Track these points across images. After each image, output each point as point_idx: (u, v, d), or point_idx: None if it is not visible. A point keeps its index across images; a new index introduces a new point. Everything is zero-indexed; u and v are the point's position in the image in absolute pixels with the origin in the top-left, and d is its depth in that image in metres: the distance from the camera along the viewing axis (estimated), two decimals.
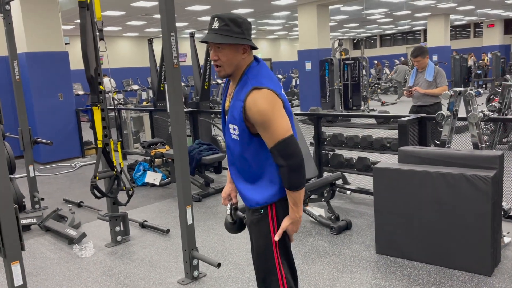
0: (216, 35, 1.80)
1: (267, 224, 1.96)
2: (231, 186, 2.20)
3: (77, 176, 6.85)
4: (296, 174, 1.81)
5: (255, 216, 1.98)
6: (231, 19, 1.80)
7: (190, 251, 3.09)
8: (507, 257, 3.20)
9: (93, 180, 3.40)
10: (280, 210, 1.96)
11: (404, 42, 28.98)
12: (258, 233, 2.00)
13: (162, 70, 7.50)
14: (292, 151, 1.79)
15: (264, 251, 2.00)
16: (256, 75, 1.85)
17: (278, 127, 1.78)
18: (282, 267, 2.00)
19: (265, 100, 1.77)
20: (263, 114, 1.76)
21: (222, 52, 1.83)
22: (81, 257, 3.70)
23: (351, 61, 12.71)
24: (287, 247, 2.04)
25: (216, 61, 1.85)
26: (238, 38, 1.81)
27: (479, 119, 3.38)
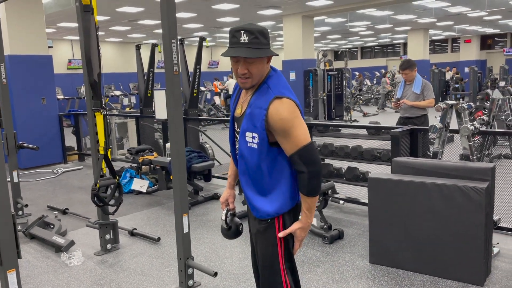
0: (248, 49, 1.79)
1: (274, 234, 1.96)
2: (230, 192, 2.21)
3: (60, 183, 6.69)
4: (316, 180, 1.84)
5: (262, 225, 1.98)
6: (259, 31, 1.81)
7: (185, 259, 3.05)
8: (497, 267, 3.27)
9: (94, 187, 3.33)
10: (287, 220, 1.97)
11: (384, 55, 29.58)
12: (265, 242, 1.99)
13: (150, 76, 7.43)
14: (314, 157, 1.84)
15: (270, 261, 1.99)
16: (277, 85, 1.87)
17: (299, 134, 1.81)
18: (287, 277, 2.00)
19: (287, 109, 1.81)
20: (285, 121, 1.79)
21: (252, 65, 1.83)
22: (70, 265, 3.60)
23: (334, 72, 12.89)
24: (291, 257, 2.04)
25: (245, 74, 1.84)
26: (267, 49, 1.84)
27: (471, 131, 3.46)
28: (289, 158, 1.87)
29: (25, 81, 7.52)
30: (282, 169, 1.92)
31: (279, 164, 1.91)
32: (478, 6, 13.54)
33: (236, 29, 1.81)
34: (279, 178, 1.92)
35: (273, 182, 1.92)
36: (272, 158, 1.89)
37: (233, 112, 2.05)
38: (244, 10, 12.54)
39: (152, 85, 7.49)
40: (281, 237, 1.96)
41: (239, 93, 2.05)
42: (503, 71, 15.24)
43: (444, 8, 14.03)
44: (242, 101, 1.98)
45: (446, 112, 3.63)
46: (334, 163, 5.18)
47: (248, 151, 1.91)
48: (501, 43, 25.71)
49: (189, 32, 16.70)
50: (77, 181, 6.68)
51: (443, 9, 14.09)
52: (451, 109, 3.63)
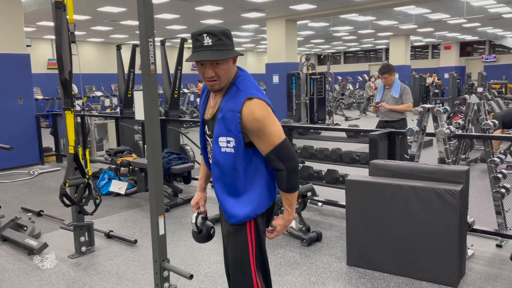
0: (213, 51, 1.76)
1: (245, 235, 1.94)
2: (201, 195, 2.20)
3: (36, 184, 6.55)
4: (294, 176, 1.85)
5: (233, 227, 1.96)
6: (222, 32, 1.78)
7: (161, 262, 3.00)
8: (471, 269, 3.32)
9: (63, 187, 3.25)
10: (260, 223, 1.96)
11: (367, 60, 29.93)
12: (235, 244, 1.97)
13: (130, 76, 7.35)
14: (290, 153, 1.84)
15: (241, 263, 1.97)
16: (246, 86, 1.86)
17: (274, 132, 1.81)
18: (258, 279, 1.98)
19: (260, 109, 1.81)
20: (259, 121, 1.79)
21: (219, 67, 1.80)
22: (42, 268, 3.51)
23: (317, 76, 12.97)
24: (264, 258, 2.02)
25: (213, 77, 1.81)
26: (232, 50, 1.82)
27: (447, 135, 3.51)
28: (265, 157, 1.86)
29: (1, 80, 7.35)
30: (257, 169, 1.91)
31: (254, 164, 1.90)
32: (457, 13, 13.82)
33: (199, 32, 1.78)
34: (253, 179, 1.91)
35: (248, 183, 1.91)
36: (247, 159, 1.88)
37: (202, 115, 2.02)
38: (227, 13, 12.54)
39: (133, 85, 7.40)
40: (254, 239, 1.94)
41: (207, 96, 2.02)
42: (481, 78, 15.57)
43: (424, 15, 14.28)
44: (212, 104, 1.96)
45: (423, 115, 3.68)
46: (314, 166, 5.20)
47: (223, 156, 1.88)
48: (479, 50, 26.30)
49: (173, 34, 16.60)
50: (53, 182, 6.55)
51: (423, 15, 14.34)
52: (428, 112, 3.68)
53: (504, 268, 3.30)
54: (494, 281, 3.11)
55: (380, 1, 11.37)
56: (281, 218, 1.95)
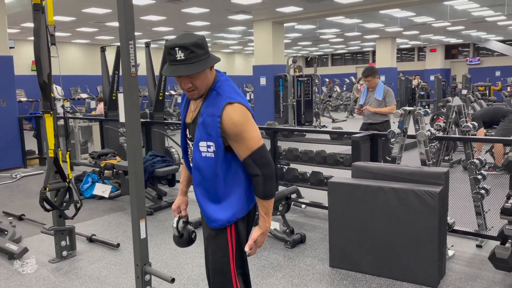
0: (187, 66, 1.74)
1: (225, 239, 1.94)
2: (182, 199, 2.17)
3: (18, 187, 6.45)
4: (270, 182, 1.85)
5: (213, 230, 1.95)
6: (194, 44, 1.74)
7: (142, 266, 2.98)
8: (451, 269, 3.36)
9: (43, 191, 3.21)
10: (241, 227, 1.96)
11: (354, 62, 30.14)
12: (216, 247, 1.97)
13: (115, 78, 7.29)
14: (267, 159, 1.85)
15: (220, 266, 1.97)
16: (226, 90, 1.86)
17: (252, 138, 1.82)
18: (238, 283, 1.98)
19: (239, 113, 1.82)
20: (238, 125, 1.79)
21: (195, 79, 1.79)
22: (23, 273, 3.46)
23: (304, 78, 13.02)
24: (244, 262, 2.03)
25: (190, 87, 1.81)
26: (206, 59, 1.79)
27: (427, 137, 3.55)
28: (242, 162, 1.87)
29: None
30: (237, 174, 1.92)
31: (234, 169, 1.90)
32: (441, 16, 14.01)
33: (171, 46, 1.75)
34: (233, 183, 1.91)
35: (228, 188, 1.91)
36: (227, 164, 1.88)
37: (184, 119, 2.03)
38: (214, 15, 12.53)
39: (117, 88, 7.34)
40: (234, 243, 1.94)
41: (188, 100, 2.03)
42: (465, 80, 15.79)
43: (409, 18, 14.44)
44: (192, 109, 1.97)
45: (404, 118, 3.72)
46: (299, 168, 5.22)
47: (203, 161, 1.88)
48: (464, 53, 26.69)
49: (159, 35, 16.52)
50: (36, 186, 6.46)
51: (408, 18, 14.50)
52: (409, 115, 3.72)
53: (483, 268, 3.34)
54: (474, 281, 3.16)
55: (366, 4, 11.47)
56: (257, 229, 1.91)
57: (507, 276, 3.19)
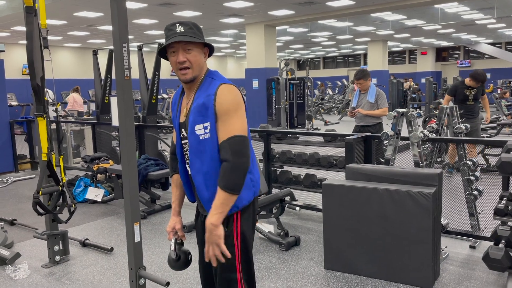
0: (185, 36, 1.82)
1: (232, 242, 1.90)
2: (176, 219, 2.09)
3: (10, 192, 6.38)
4: (236, 174, 1.76)
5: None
6: (194, 24, 1.88)
7: (137, 269, 2.96)
8: (445, 270, 3.38)
9: (36, 195, 3.17)
10: (245, 224, 1.92)
11: (346, 65, 30.31)
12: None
13: (107, 82, 7.26)
14: (242, 151, 1.78)
15: (227, 270, 1.93)
16: (219, 77, 1.91)
17: (237, 123, 1.80)
18: (243, 285, 1.95)
19: (234, 93, 1.84)
20: (230, 104, 1.80)
21: (191, 53, 1.85)
22: (15, 279, 3.41)
23: (296, 81, 13.07)
24: (250, 263, 1.99)
25: (184, 63, 1.85)
26: (203, 40, 1.89)
27: (420, 139, 3.58)
28: (219, 146, 1.81)
29: None
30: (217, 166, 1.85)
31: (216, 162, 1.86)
32: (432, 19, 14.14)
33: (171, 24, 1.87)
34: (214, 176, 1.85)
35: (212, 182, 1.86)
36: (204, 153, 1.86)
37: (177, 120, 1.98)
38: (206, 18, 12.54)
39: (110, 91, 7.31)
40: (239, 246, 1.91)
41: (180, 101, 2.01)
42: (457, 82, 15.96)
43: (400, 21, 14.57)
44: (186, 103, 1.95)
45: (398, 120, 3.74)
46: (293, 170, 5.22)
47: (202, 145, 1.84)
48: (455, 56, 26.95)
49: (151, 39, 16.49)
50: (28, 190, 6.40)
51: (399, 21, 14.63)
52: (402, 117, 3.74)
53: (477, 269, 3.37)
54: (468, 281, 3.17)
55: (357, 7, 11.55)
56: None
57: (501, 276, 3.22)
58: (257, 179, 1.96)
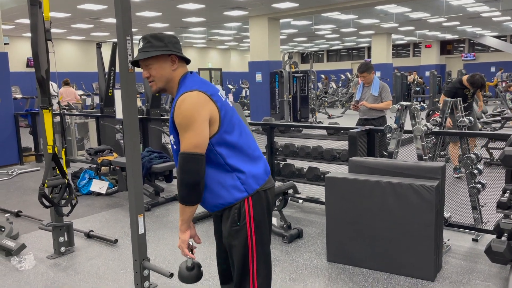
0: (141, 53, 1.90)
1: (245, 235, 1.91)
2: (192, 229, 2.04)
3: (15, 184, 6.43)
4: (183, 189, 1.82)
5: (233, 228, 1.92)
6: (153, 36, 1.90)
7: (141, 261, 2.99)
8: (448, 262, 3.39)
9: (42, 187, 3.20)
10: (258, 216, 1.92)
11: (349, 58, 30.17)
12: (238, 244, 1.93)
13: (111, 75, 7.27)
14: (189, 168, 1.78)
15: (242, 262, 1.94)
16: (187, 84, 1.88)
17: (186, 138, 1.78)
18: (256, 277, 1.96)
19: (185, 106, 1.78)
20: (181, 118, 1.78)
21: (151, 68, 1.91)
22: (20, 269, 3.46)
23: (300, 74, 13.03)
24: (267, 256, 2.00)
25: (148, 77, 1.93)
26: (161, 50, 1.88)
27: (424, 132, 3.58)
28: None
29: None
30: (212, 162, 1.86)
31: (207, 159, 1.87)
32: (437, 12, 14.04)
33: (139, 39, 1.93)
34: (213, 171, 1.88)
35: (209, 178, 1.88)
36: None
37: None
38: (210, 11, 12.50)
39: (113, 84, 7.32)
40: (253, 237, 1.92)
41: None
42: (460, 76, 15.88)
43: (405, 14, 14.47)
44: None
45: (401, 113, 3.74)
46: (296, 163, 5.23)
47: (176, 154, 1.90)
48: (459, 49, 26.77)
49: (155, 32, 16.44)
50: (32, 182, 6.44)
51: (404, 14, 14.53)
52: (405, 110, 3.74)
53: (479, 262, 3.38)
54: (470, 274, 3.19)
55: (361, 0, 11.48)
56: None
57: (503, 269, 3.23)
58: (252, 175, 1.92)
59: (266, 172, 1.99)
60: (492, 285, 3.01)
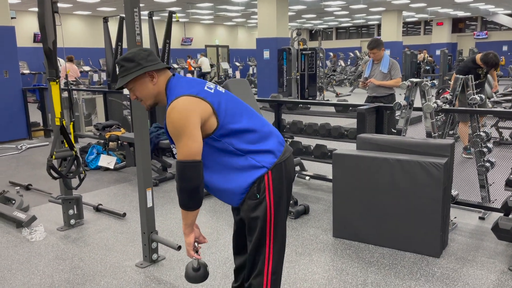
0: (119, 80, 1.92)
1: (265, 207, 1.90)
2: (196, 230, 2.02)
3: (24, 159, 6.50)
4: (186, 196, 1.82)
5: (253, 201, 1.90)
6: (123, 59, 1.90)
7: (149, 233, 3.03)
8: (454, 240, 3.40)
9: (50, 159, 3.23)
10: (276, 191, 1.91)
11: (359, 36, 29.70)
12: (256, 217, 1.92)
13: (118, 50, 7.23)
14: (186, 176, 1.79)
15: (260, 234, 1.94)
16: (172, 92, 1.86)
17: (181, 146, 1.77)
18: (272, 249, 1.97)
19: (178, 112, 1.77)
20: (173, 127, 1.78)
21: (134, 90, 1.92)
22: (31, 241, 3.53)
23: (308, 51, 12.86)
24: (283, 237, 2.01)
25: (137, 99, 1.96)
26: (135, 71, 1.87)
27: (433, 109, 3.54)
28: None
29: None
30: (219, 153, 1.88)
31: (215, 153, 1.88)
32: None
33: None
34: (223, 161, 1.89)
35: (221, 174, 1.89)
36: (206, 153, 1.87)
37: None
38: None
39: None
40: (272, 210, 1.91)
41: None
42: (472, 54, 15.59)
43: None
44: None
45: (411, 90, 3.69)
46: (303, 141, 5.22)
47: None
48: (472, 27, 26.21)
49: (162, 8, 16.26)
50: (41, 157, 6.51)
51: None
52: (415, 87, 3.69)
53: (485, 239, 3.38)
54: (475, 251, 3.20)
55: None
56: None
57: (509, 246, 3.23)
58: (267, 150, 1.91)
59: (280, 143, 1.98)
60: (498, 262, 3.02)
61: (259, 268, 1.97)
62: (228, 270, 2.95)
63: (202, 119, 1.79)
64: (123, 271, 3.01)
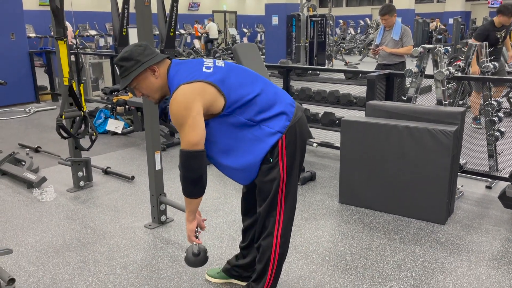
0: (122, 80, 1.91)
1: (278, 170, 1.91)
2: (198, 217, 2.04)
3: (32, 122, 6.54)
4: (190, 185, 1.84)
5: (266, 165, 1.91)
6: (121, 58, 1.89)
7: (158, 196, 3.07)
8: (460, 207, 3.42)
9: (59, 119, 3.24)
10: (289, 156, 1.91)
11: (369, 3, 28.95)
12: (269, 180, 1.94)
13: (125, 13, 7.11)
14: (186, 164, 1.80)
15: (272, 196, 1.96)
16: (173, 83, 1.84)
17: (184, 135, 1.78)
18: (283, 212, 1.99)
19: (178, 103, 1.76)
20: (175, 117, 1.78)
21: (138, 88, 1.93)
22: (42, 201, 3.59)
23: (318, 18, 12.59)
24: (294, 189, 2.01)
25: (143, 96, 1.98)
26: (135, 69, 1.85)
27: (445, 76, 3.48)
28: None
29: None
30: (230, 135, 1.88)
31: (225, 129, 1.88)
32: None
33: None
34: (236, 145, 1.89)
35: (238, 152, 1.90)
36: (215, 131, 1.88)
37: None
38: None
39: (127, 23, 7.18)
40: (284, 170, 1.92)
41: None
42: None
43: None
44: None
45: (423, 56, 3.62)
46: (311, 108, 5.18)
47: None
48: None
49: None
50: (50, 120, 6.54)
51: None
52: (428, 53, 3.61)
53: (491, 208, 3.40)
54: (481, 219, 3.22)
55: None
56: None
57: None
58: (278, 113, 1.90)
59: (291, 104, 1.97)
60: (503, 230, 3.04)
61: (269, 230, 2.00)
62: (235, 233, 3.00)
63: (206, 103, 1.79)
64: (132, 231, 3.07)
